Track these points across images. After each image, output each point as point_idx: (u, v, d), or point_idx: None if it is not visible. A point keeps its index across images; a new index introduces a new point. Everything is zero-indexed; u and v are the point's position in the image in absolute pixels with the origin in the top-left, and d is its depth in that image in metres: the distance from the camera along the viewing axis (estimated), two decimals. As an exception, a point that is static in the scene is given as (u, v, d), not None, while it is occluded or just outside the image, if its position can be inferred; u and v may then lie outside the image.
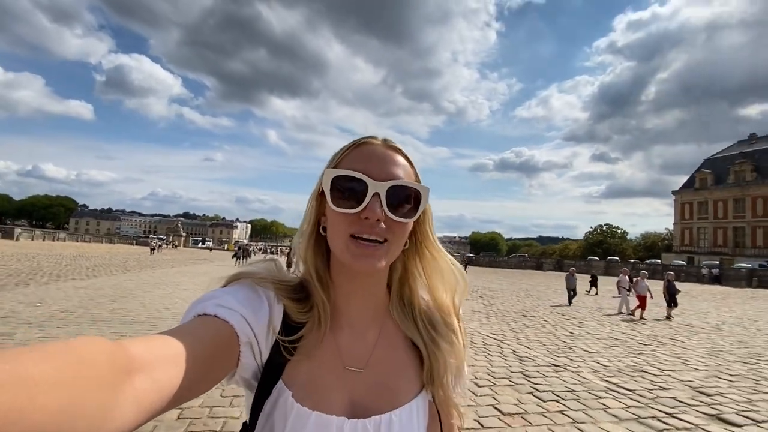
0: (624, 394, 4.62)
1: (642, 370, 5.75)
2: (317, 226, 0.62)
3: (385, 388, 0.60)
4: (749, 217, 49.53)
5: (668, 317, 11.66)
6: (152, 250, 37.13)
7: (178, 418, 3.37)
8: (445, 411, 0.66)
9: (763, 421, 4.00)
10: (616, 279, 13.91)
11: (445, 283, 0.66)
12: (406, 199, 0.58)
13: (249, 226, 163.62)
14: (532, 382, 4.91)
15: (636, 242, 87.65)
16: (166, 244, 59.75)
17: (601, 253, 73.61)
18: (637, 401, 4.41)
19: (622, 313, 12.15)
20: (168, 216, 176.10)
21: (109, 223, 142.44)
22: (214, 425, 3.31)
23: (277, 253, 47.18)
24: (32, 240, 44.20)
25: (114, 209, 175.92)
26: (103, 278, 13.75)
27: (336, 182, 0.56)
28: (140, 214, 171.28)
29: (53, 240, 48.64)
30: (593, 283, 19.48)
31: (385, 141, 0.61)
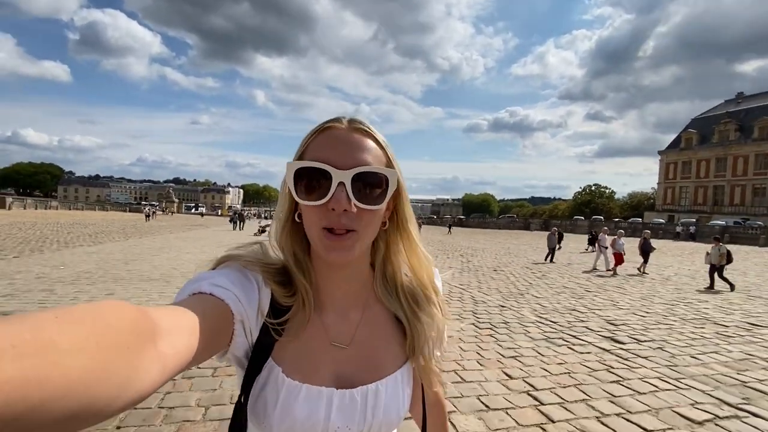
0: (546, 325, 5.87)
1: (573, 309, 7.04)
2: (293, 213, 0.62)
3: (370, 361, 0.63)
4: (729, 176, 51.19)
5: (641, 272, 12.32)
6: (147, 216, 37.84)
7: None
8: (427, 379, 0.69)
9: (645, 341, 5.28)
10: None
11: (421, 259, 0.67)
12: (374, 185, 0.56)
13: (241, 191, 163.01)
14: (477, 318, 6.13)
15: (623, 201, 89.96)
16: (161, 211, 60.25)
17: (589, 212, 75.63)
18: (553, 329, 5.67)
19: (596, 269, 12.89)
20: (158, 182, 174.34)
21: (98, 190, 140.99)
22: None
23: (270, 218, 48.11)
24: (24, 208, 44.26)
25: (102, 176, 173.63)
26: (108, 245, 14.77)
27: (299, 175, 0.55)
28: (129, 180, 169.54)
29: (45, 208, 48.74)
30: (591, 241, 20.01)
31: (350, 123, 0.59)
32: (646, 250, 12.58)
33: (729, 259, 10.24)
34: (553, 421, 3.08)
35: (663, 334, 5.63)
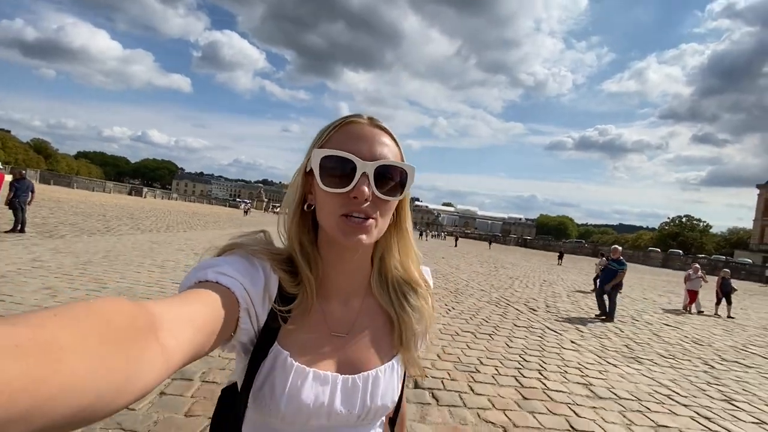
0: (503, 306, 8.92)
1: (532, 299, 9.86)
2: (302, 203, 0.64)
3: (367, 350, 0.66)
4: None
5: (716, 314, 11.27)
6: (245, 212, 45.60)
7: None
8: (410, 368, 0.71)
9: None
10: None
11: (412, 257, 0.71)
12: (393, 178, 0.59)
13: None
14: (455, 295, 9.39)
15: (720, 237, 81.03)
16: (254, 208, 70.07)
17: (676, 246, 69.98)
18: (506, 306, 8.73)
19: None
20: (250, 182, 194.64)
21: (202, 186, 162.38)
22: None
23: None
24: (154, 198, 55.42)
25: (205, 173, 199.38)
26: (232, 230, 20.19)
27: (324, 162, 0.57)
28: (226, 179, 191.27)
29: (168, 199, 60.18)
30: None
31: (371, 120, 0.62)
32: (726, 291, 11.57)
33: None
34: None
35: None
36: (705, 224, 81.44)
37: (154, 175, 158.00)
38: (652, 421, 3.57)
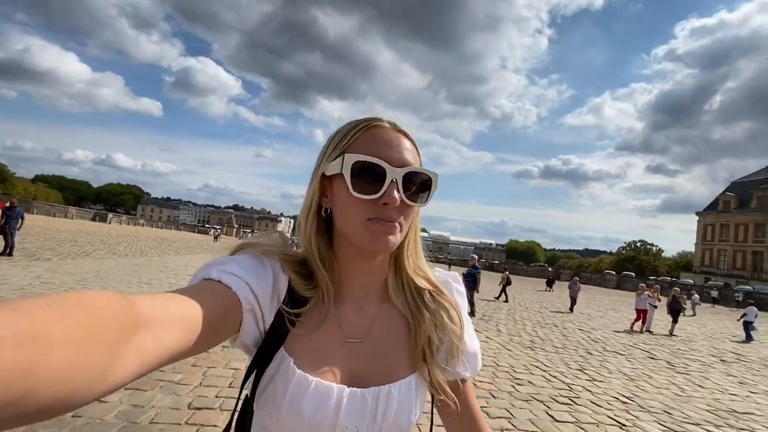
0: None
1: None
2: (319, 207, 0.62)
3: (383, 361, 0.62)
4: (769, 242, 50.40)
5: (671, 333, 11.53)
6: (215, 237, 45.68)
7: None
8: (431, 388, 0.64)
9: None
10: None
11: (423, 263, 0.69)
12: (419, 185, 0.59)
13: (292, 221, 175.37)
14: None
15: (671, 260, 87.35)
16: (223, 234, 69.64)
17: (632, 269, 74.88)
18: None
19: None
20: (220, 207, 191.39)
21: (169, 211, 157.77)
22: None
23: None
24: (120, 224, 54.11)
25: (172, 198, 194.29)
26: (205, 254, 20.99)
27: (355, 168, 0.55)
28: (195, 204, 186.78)
29: (135, 225, 58.77)
30: (549, 284, 24.89)
31: (393, 124, 0.61)
32: (674, 309, 11.84)
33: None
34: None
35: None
36: (657, 248, 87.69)
37: (118, 200, 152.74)
38: (516, 379, 5.19)
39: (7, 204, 10.82)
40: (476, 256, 11.49)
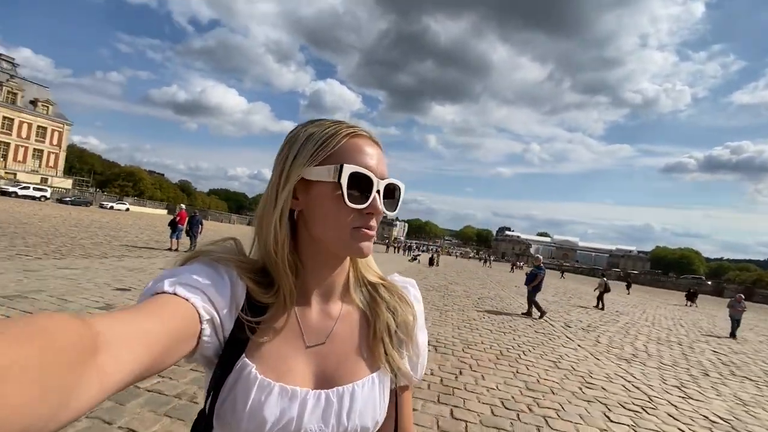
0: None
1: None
2: (288, 211, 0.59)
3: (346, 361, 0.62)
4: None
5: None
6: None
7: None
8: (399, 379, 0.67)
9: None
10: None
11: (371, 258, 0.71)
12: (393, 195, 0.63)
13: (406, 225, 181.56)
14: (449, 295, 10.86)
15: None
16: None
17: None
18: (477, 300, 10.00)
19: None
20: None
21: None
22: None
23: (427, 252, 56.19)
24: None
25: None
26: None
27: (350, 178, 0.56)
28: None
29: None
30: (689, 297, 20.69)
31: (369, 133, 0.62)
32: None
33: None
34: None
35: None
36: None
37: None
38: (588, 383, 5.23)
39: (192, 214, 14.68)
40: (541, 257, 11.64)
